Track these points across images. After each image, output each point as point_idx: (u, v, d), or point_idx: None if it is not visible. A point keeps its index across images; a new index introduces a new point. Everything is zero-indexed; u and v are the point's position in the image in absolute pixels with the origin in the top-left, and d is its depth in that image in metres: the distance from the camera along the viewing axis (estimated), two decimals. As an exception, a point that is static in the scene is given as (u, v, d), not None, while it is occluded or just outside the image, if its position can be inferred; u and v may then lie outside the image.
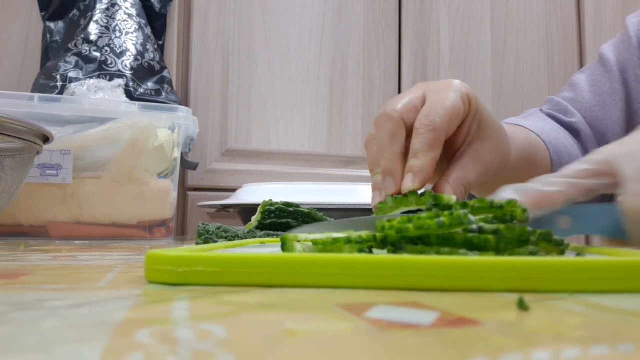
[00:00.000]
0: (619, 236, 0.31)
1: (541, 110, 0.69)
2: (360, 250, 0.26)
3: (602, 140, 0.64)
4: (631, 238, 0.31)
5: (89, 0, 0.95)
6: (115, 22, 0.93)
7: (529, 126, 0.61)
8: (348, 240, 0.26)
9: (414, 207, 0.30)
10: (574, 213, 0.32)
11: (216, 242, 0.44)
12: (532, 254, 0.24)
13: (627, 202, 0.30)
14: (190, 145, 0.86)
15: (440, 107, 0.39)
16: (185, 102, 1.08)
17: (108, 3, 0.95)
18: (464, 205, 0.27)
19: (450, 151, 0.43)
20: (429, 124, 0.39)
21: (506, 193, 0.32)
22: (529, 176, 0.49)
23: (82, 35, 0.91)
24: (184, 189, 1.07)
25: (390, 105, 0.41)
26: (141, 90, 0.89)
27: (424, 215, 0.26)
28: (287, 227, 0.52)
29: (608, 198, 0.32)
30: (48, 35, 0.97)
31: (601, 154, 0.33)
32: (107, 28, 0.92)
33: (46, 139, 0.57)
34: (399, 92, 1.21)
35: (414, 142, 0.39)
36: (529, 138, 0.59)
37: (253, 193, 0.80)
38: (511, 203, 0.27)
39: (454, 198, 0.29)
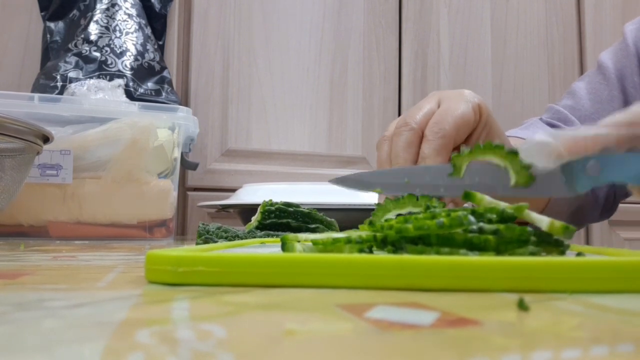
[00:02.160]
0: None
1: (541, 119, 0.70)
2: (360, 250, 0.26)
3: None
4: None
5: (89, 0, 0.95)
6: (115, 22, 0.93)
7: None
8: (348, 240, 0.26)
9: (409, 209, 0.30)
10: (604, 159, 0.30)
11: (216, 242, 0.44)
12: (532, 254, 0.24)
13: None
14: (190, 145, 0.86)
15: (450, 116, 0.41)
16: (185, 102, 1.08)
17: (108, 3, 0.95)
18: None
19: None
20: (438, 131, 0.40)
21: (541, 135, 0.31)
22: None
23: (82, 35, 0.91)
24: (184, 189, 1.07)
25: (411, 116, 0.42)
26: (141, 90, 0.90)
27: (421, 215, 0.26)
28: (287, 227, 0.52)
29: None
30: (48, 35, 0.97)
31: None
32: (107, 28, 0.92)
33: (46, 139, 0.57)
34: (399, 92, 1.21)
35: (423, 148, 0.40)
36: None
37: (253, 193, 0.80)
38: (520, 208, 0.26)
39: (487, 197, 0.28)
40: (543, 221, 0.25)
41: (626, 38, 0.67)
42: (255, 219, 0.53)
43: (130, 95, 0.87)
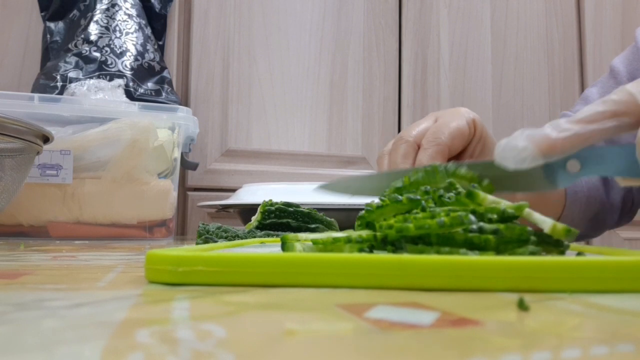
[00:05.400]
0: (633, 176, 0.29)
1: None
2: (360, 250, 0.26)
3: None
4: None
5: (89, 0, 0.95)
6: (115, 22, 0.93)
7: None
8: (348, 240, 0.26)
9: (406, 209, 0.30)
10: (584, 156, 0.30)
11: (216, 242, 0.44)
12: (532, 254, 0.24)
13: None
14: (190, 145, 0.86)
15: (445, 127, 0.44)
16: (185, 102, 1.08)
17: (108, 3, 0.95)
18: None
19: None
20: (433, 140, 0.43)
21: (517, 139, 0.30)
22: (542, 201, 0.51)
23: (82, 36, 0.91)
24: (184, 189, 1.07)
25: (407, 132, 0.46)
26: (141, 91, 0.89)
27: (421, 215, 0.26)
28: (287, 227, 0.52)
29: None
30: (48, 36, 0.97)
31: (621, 92, 0.30)
32: (107, 28, 0.92)
33: (46, 139, 0.57)
34: (399, 92, 1.21)
35: (419, 156, 0.43)
36: None
37: (253, 193, 0.80)
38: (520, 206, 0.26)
39: (489, 197, 0.28)
40: (545, 223, 0.25)
41: (637, 42, 0.68)
42: (255, 218, 0.53)
43: (130, 95, 0.87)
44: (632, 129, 0.29)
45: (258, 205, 0.54)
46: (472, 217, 0.24)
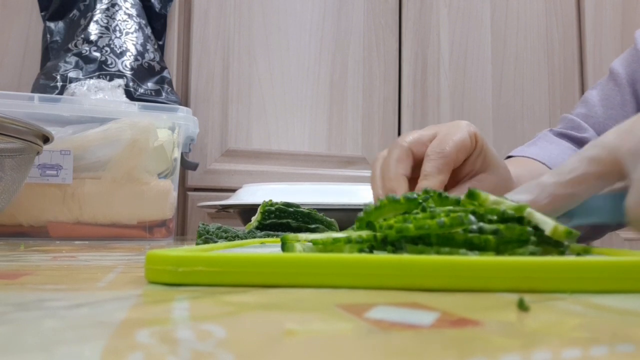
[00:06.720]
0: (621, 220, 0.30)
1: (551, 130, 0.71)
2: (360, 250, 0.26)
3: None
4: (632, 226, 0.30)
5: (89, 0, 0.95)
6: (115, 22, 0.93)
7: (536, 155, 0.63)
8: (348, 240, 0.26)
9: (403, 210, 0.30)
10: (572, 211, 0.31)
11: (216, 242, 0.44)
12: (532, 254, 0.24)
13: (633, 206, 0.29)
14: (190, 145, 0.86)
15: (450, 139, 0.44)
16: (185, 102, 1.08)
17: (108, 3, 0.95)
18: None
19: (455, 183, 0.47)
20: (440, 152, 0.44)
21: (518, 196, 0.32)
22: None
23: (82, 36, 0.91)
24: (184, 189, 1.07)
25: (402, 137, 0.46)
26: (141, 91, 0.89)
27: (421, 215, 0.26)
28: (287, 228, 0.52)
29: None
30: (48, 35, 0.97)
31: (605, 150, 0.31)
32: (107, 28, 0.92)
33: (46, 139, 0.57)
34: (399, 92, 1.21)
35: (425, 166, 0.43)
36: (536, 174, 0.60)
37: (253, 193, 0.80)
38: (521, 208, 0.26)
39: (491, 197, 0.28)
40: (547, 224, 0.25)
41: (637, 44, 0.68)
42: (255, 219, 0.53)
43: (130, 95, 0.87)
44: (618, 182, 0.30)
45: (258, 205, 0.54)
46: (472, 218, 0.24)
